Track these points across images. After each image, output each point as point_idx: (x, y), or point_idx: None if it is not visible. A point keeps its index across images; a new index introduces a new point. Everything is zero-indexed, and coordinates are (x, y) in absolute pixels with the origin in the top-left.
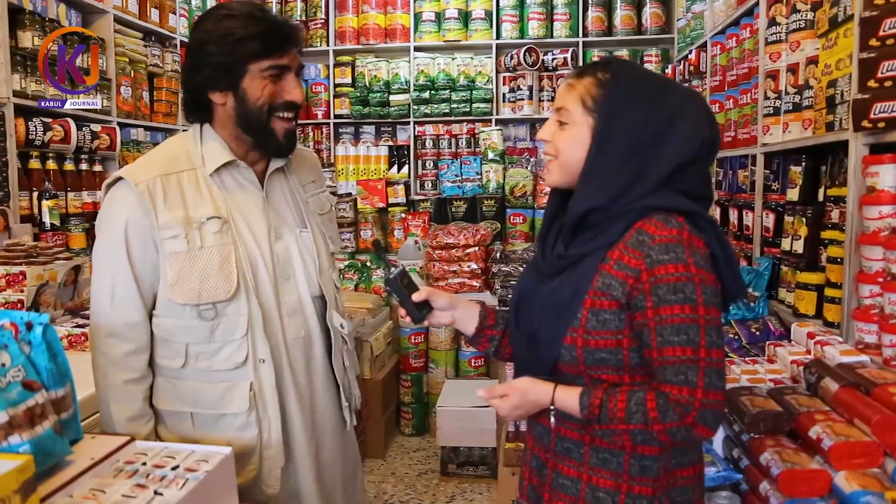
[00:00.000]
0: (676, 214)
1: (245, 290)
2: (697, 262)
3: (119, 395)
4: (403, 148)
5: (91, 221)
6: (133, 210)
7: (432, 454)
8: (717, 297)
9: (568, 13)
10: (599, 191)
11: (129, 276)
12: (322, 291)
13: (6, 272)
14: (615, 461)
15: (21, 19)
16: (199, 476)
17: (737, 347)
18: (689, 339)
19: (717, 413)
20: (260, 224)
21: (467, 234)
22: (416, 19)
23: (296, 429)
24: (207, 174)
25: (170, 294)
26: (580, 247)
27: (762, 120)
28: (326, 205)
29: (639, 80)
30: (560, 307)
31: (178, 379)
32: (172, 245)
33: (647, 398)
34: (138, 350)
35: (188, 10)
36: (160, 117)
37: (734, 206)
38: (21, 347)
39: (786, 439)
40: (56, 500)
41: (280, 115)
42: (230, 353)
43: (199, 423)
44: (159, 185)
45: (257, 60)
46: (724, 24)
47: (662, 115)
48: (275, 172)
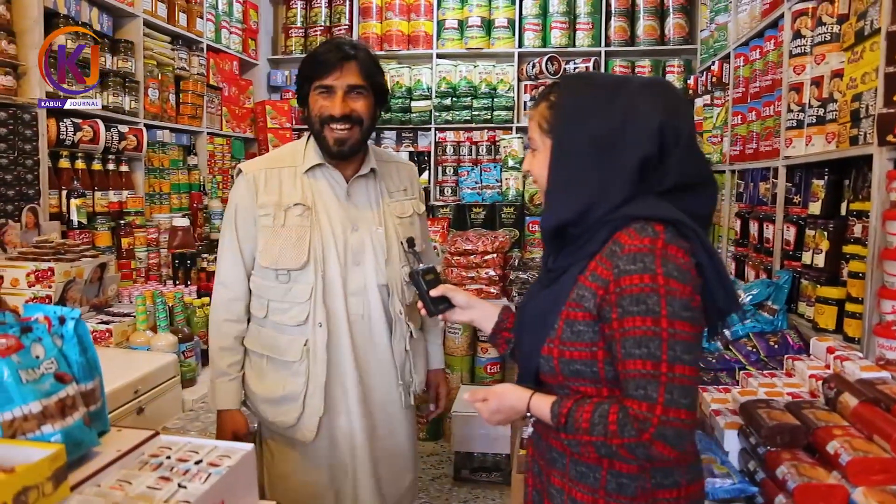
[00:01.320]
0: (656, 223)
1: (314, 264)
2: (668, 272)
3: (219, 330)
4: (424, 154)
5: (117, 220)
6: (242, 193)
7: (446, 459)
8: (688, 310)
9: (591, 23)
10: (564, 206)
11: (235, 242)
12: (387, 281)
13: (35, 268)
14: (592, 476)
15: (55, 23)
16: (221, 471)
17: (755, 360)
18: (650, 352)
19: (678, 431)
20: (340, 216)
21: (486, 240)
22: (439, 27)
23: (347, 391)
24: (302, 172)
25: (258, 258)
26: (565, 259)
27: (785, 132)
28: (409, 210)
29: (585, 91)
30: (540, 317)
31: (261, 327)
32: (264, 220)
33: (610, 411)
34: (236, 298)
35: (215, 14)
36: (185, 119)
37: (754, 218)
38: (54, 341)
39: (803, 453)
40: (85, 488)
41: (330, 126)
42: (296, 313)
43: (270, 364)
44: (262, 175)
45: (311, 81)
46: (748, 35)
47: (613, 118)
48: (361, 177)
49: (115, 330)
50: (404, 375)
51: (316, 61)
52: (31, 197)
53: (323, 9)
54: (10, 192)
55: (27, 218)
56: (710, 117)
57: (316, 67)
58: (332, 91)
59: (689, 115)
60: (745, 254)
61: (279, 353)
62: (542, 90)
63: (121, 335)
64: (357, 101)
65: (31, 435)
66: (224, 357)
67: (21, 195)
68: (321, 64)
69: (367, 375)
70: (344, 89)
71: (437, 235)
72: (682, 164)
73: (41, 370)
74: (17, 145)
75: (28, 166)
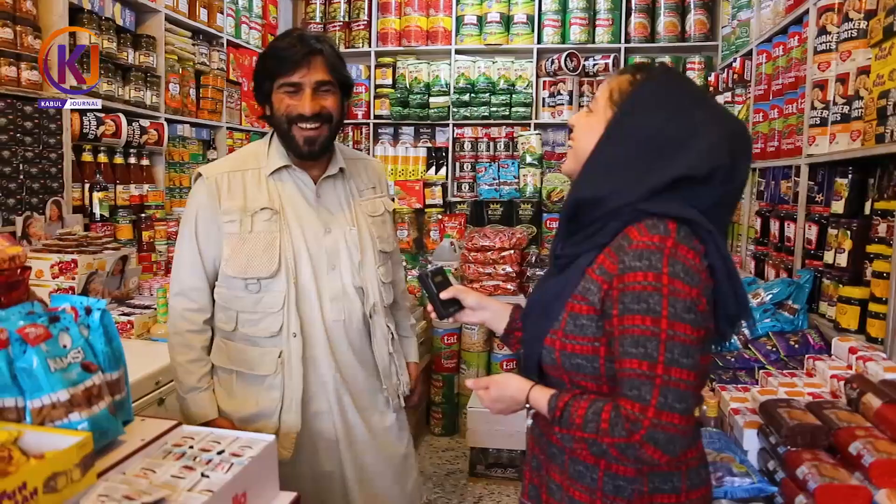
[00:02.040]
0: (670, 220)
1: (286, 271)
2: (675, 272)
3: (182, 342)
4: (442, 150)
5: (138, 214)
6: (203, 199)
7: (461, 454)
8: (691, 313)
9: (610, 19)
10: (595, 184)
11: (195, 251)
12: (363, 283)
13: (59, 260)
14: (589, 476)
15: (80, 18)
16: (243, 461)
17: (774, 360)
18: (647, 352)
19: (670, 436)
20: (310, 219)
21: (503, 237)
22: (458, 22)
23: (329, 401)
24: (267, 174)
25: (224, 267)
26: (574, 247)
27: (808, 130)
28: (380, 208)
29: (672, 88)
30: (545, 307)
31: (229, 340)
32: (229, 227)
33: (604, 409)
34: (199, 309)
35: (235, 9)
36: (205, 114)
37: (775, 216)
38: (80, 330)
39: (824, 454)
40: (110, 476)
41: (299, 126)
42: (268, 324)
43: (240, 380)
44: (225, 179)
45: (276, 78)
46: (771, 32)
47: (681, 128)
48: (329, 177)
49: (136, 322)
50: (389, 378)
51: (280, 57)
52: (55, 190)
53: (342, 4)
54: (35, 185)
55: (51, 210)
56: None
57: (281, 64)
58: (300, 89)
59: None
60: (766, 252)
61: (250, 368)
62: (630, 65)
63: (142, 327)
64: (326, 97)
65: (59, 422)
66: (192, 371)
67: (45, 188)
68: (286, 60)
69: (348, 383)
70: (312, 86)
71: (454, 231)
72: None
73: (68, 359)
74: (41, 139)
75: (52, 160)
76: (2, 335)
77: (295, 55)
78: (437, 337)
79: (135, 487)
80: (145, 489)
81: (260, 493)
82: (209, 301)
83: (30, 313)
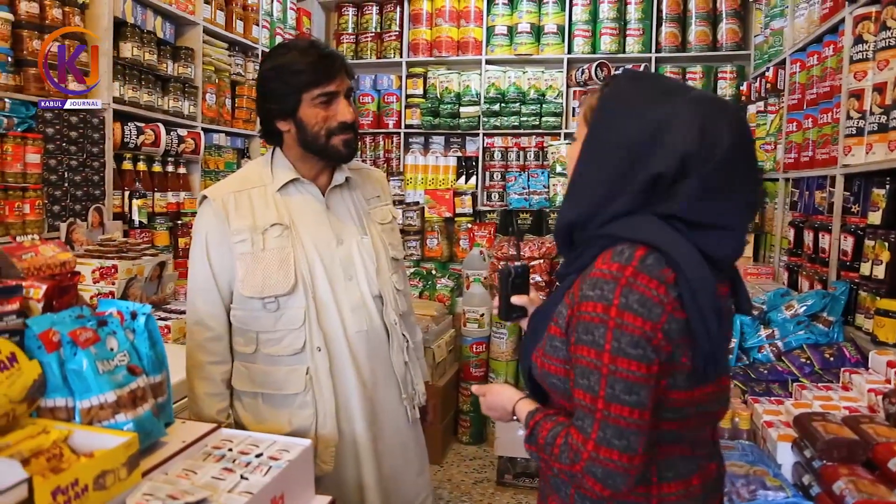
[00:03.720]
0: (640, 246)
1: (303, 286)
2: (626, 304)
3: (202, 374)
4: (472, 159)
5: (174, 221)
6: (211, 221)
7: (489, 463)
8: (639, 348)
9: (641, 28)
10: (576, 206)
11: (209, 275)
12: (380, 291)
13: (100, 265)
14: (564, 490)
15: (123, 31)
16: (281, 464)
17: (809, 373)
18: (590, 385)
19: (608, 471)
20: (321, 231)
21: (532, 246)
22: (489, 33)
23: (355, 414)
24: (274, 190)
25: (239, 288)
26: (565, 268)
27: (843, 140)
28: (388, 216)
29: (634, 90)
30: (536, 324)
31: (251, 363)
32: (241, 247)
33: (559, 434)
34: (217, 337)
35: (270, 21)
36: (240, 123)
37: (809, 227)
38: (126, 334)
39: (861, 469)
40: (154, 476)
41: (337, 136)
42: (291, 341)
43: (267, 401)
44: (232, 199)
45: (308, 90)
46: (806, 41)
47: (647, 126)
48: (336, 187)
49: (172, 326)
50: (407, 388)
51: (313, 69)
52: (97, 197)
53: (374, 16)
54: (79, 193)
55: (93, 217)
56: (764, 124)
57: (316, 75)
58: (335, 98)
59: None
60: (799, 264)
61: (278, 388)
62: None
63: (178, 332)
64: (351, 104)
65: (106, 423)
66: (213, 403)
67: (88, 195)
68: (322, 71)
69: (373, 392)
70: (344, 93)
71: (483, 241)
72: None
73: (115, 362)
74: (85, 148)
75: (95, 168)
76: (54, 338)
77: (330, 65)
78: (465, 346)
79: (178, 487)
80: (188, 489)
81: (297, 496)
82: (227, 328)
83: (79, 317)
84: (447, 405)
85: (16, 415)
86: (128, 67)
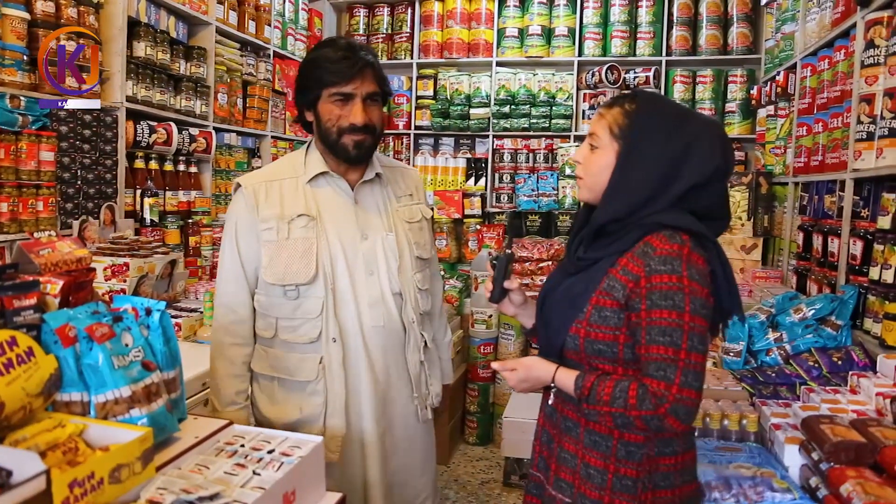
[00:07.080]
0: (683, 232)
1: (323, 277)
2: (692, 275)
3: (224, 355)
4: (481, 161)
5: (185, 219)
6: (241, 209)
7: (495, 464)
8: (705, 308)
9: (652, 32)
10: (619, 205)
11: (237, 261)
12: (401, 289)
13: (112, 263)
14: (604, 444)
15: (136, 31)
16: (293, 461)
17: (816, 376)
18: (673, 340)
19: (688, 409)
20: (347, 224)
21: (541, 248)
22: (500, 35)
23: (365, 407)
24: (305, 181)
25: (262, 275)
26: (597, 251)
27: (854, 145)
28: (417, 215)
29: (660, 111)
30: (571, 300)
31: (269, 348)
32: (267, 235)
33: (630, 387)
34: (241, 320)
35: (282, 22)
36: (251, 123)
37: (818, 231)
38: (141, 330)
39: (869, 471)
40: (167, 470)
41: (348, 136)
42: (307, 330)
43: (282, 386)
44: (263, 188)
45: (326, 87)
46: (817, 45)
47: (679, 145)
48: (366, 183)
49: (183, 324)
50: (420, 388)
51: (334, 67)
52: (109, 195)
53: (385, 17)
54: (91, 191)
55: (105, 215)
56: (773, 128)
57: (334, 74)
58: (351, 99)
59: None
60: (808, 267)
61: (291, 374)
62: (616, 96)
63: (189, 329)
64: (373, 109)
65: (121, 417)
66: (233, 384)
67: (100, 193)
68: (340, 71)
69: (384, 388)
70: (363, 97)
71: (492, 242)
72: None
73: (130, 357)
74: (98, 146)
75: (107, 166)
76: (71, 332)
77: (350, 66)
78: (473, 346)
79: (191, 482)
80: (201, 484)
81: (308, 491)
82: (251, 312)
83: (95, 312)
84: (454, 406)
85: (32, 408)
86: (141, 67)
